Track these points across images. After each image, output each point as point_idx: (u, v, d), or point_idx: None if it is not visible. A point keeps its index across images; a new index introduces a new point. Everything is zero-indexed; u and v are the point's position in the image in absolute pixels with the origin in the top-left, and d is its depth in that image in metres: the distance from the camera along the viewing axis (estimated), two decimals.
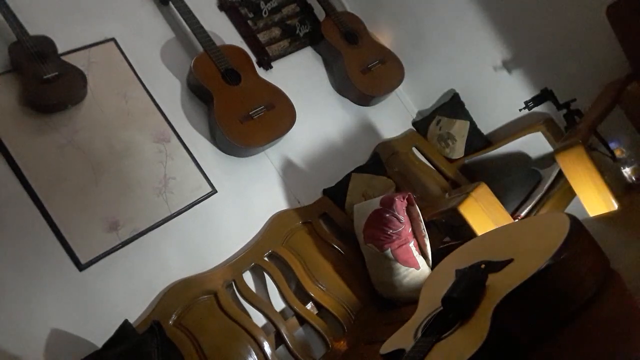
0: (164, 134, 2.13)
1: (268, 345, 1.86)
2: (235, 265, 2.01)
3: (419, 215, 2.03)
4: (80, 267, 1.77)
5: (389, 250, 2.01)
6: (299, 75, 2.63)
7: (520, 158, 2.54)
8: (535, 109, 2.24)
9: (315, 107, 2.59)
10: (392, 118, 2.83)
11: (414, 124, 2.88)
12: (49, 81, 1.85)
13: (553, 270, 0.68)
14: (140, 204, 1.96)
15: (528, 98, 2.18)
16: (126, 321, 1.66)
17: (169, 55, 2.30)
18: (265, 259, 2.08)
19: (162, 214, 1.99)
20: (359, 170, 2.48)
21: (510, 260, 0.78)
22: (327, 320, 2.02)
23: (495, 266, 0.79)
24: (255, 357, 1.82)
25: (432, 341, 0.73)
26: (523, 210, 2.13)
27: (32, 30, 1.89)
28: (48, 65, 1.87)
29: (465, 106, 2.73)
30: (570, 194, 1.94)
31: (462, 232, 2.02)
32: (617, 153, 1.93)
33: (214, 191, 2.14)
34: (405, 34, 2.82)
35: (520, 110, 2.22)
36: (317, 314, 2.05)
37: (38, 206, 1.77)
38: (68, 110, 1.95)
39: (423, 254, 2.06)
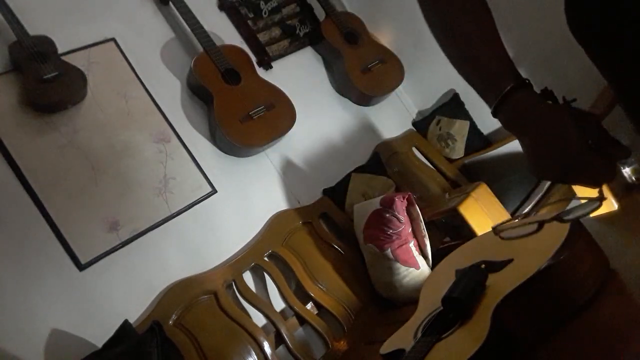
0: (164, 134, 2.13)
1: (268, 345, 1.86)
2: (235, 265, 2.01)
3: (419, 215, 2.03)
4: (80, 267, 1.77)
5: (389, 250, 2.01)
6: (299, 75, 2.63)
7: (520, 158, 2.54)
8: None
9: (315, 107, 2.59)
10: (392, 118, 2.83)
11: (414, 124, 2.88)
12: (49, 81, 1.85)
13: (553, 270, 0.68)
14: (140, 204, 1.96)
15: None
16: (126, 321, 1.66)
17: (169, 55, 2.30)
18: (265, 259, 2.08)
19: (162, 214, 1.98)
20: (359, 170, 2.48)
21: (510, 260, 0.78)
22: (327, 320, 2.02)
23: (495, 266, 0.79)
24: (255, 357, 1.82)
25: (432, 341, 0.73)
26: (523, 210, 2.13)
27: (32, 30, 1.89)
28: (48, 65, 1.87)
29: (465, 106, 2.72)
30: (570, 194, 1.94)
31: (462, 232, 2.03)
32: None
33: (214, 191, 2.14)
34: (405, 34, 2.82)
35: None
36: (317, 314, 2.05)
37: (38, 206, 1.77)
38: (68, 110, 1.95)
39: (423, 254, 2.06)
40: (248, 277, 2.06)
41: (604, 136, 0.66)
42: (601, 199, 0.75)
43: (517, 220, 0.86)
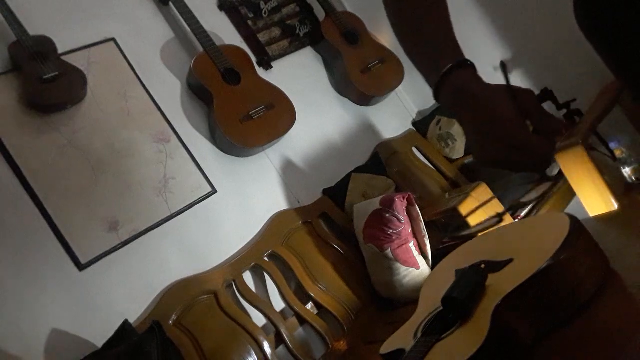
0: (164, 134, 2.13)
1: (268, 345, 1.86)
2: (235, 265, 2.01)
3: (419, 215, 2.04)
4: (80, 267, 1.77)
5: (389, 250, 2.01)
6: (299, 75, 2.63)
7: None
8: None
9: (315, 107, 2.59)
10: (392, 118, 2.83)
11: (414, 124, 2.88)
12: (49, 81, 1.85)
13: (553, 270, 0.68)
14: (140, 204, 1.96)
15: None
16: (126, 321, 1.66)
17: (169, 55, 2.30)
18: (265, 259, 2.08)
19: (162, 214, 1.98)
20: (359, 170, 2.48)
21: (510, 260, 0.78)
22: (327, 320, 2.02)
23: (495, 266, 0.79)
24: (255, 357, 1.82)
25: (432, 341, 0.72)
26: (523, 210, 2.13)
27: (32, 30, 1.89)
28: (48, 65, 1.87)
29: None
30: (570, 194, 1.94)
31: (462, 232, 2.02)
32: (617, 153, 1.92)
33: (214, 191, 2.14)
34: None
35: None
36: (317, 314, 2.05)
37: (38, 206, 1.77)
38: (68, 110, 1.95)
39: (423, 254, 2.06)
40: (248, 277, 2.06)
41: (541, 113, 0.63)
42: (542, 175, 0.73)
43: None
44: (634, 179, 1.89)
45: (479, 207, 1.98)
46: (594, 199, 1.65)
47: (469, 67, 0.69)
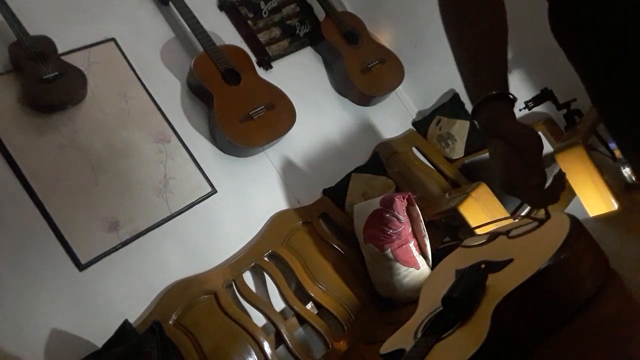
0: (164, 134, 2.13)
1: (268, 345, 1.86)
2: (235, 265, 2.01)
3: (419, 215, 2.03)
4: (80, 267, 1.77)
5: (389, 250, 2.01)
6: (299, 75, 2.63)
7: None
8: (535, 109, 2.24)
9: (315, 107, 2.59)
10: (392, 118, 2.83)
11: (414, 124, 2.88)
12: (49, 81, 1.85)
13: (553, 270, 0.68)
14: (140, 204, 1.96)
15: (528, 98, 2.18)
16: (126, 321, 1.66)
17: (169, 55, 2.30)
18: (265, 259, 2.08)
19: (162, 214, 1.98)
20: (359, 170, 2.48)
21: (510, 260, 0.78)
22: (327, 320, 2.02)
23: (495, 266, 0.79)
24: (255, 357, 1.82)
25: (432, 341, 0.72)
26: (523, 210, 2.13)
27: (32, 30, 1.89)
28: (48, 65, 1.87)
29: (465, 106, 2.72)
30: (570, 194, 1.94)
31: (462, 232, 2.02)
32: (617, 153, 1.92)
33: (214, 191, 2.14)
34: (405, 34, 2.82)
35: (520, 110, 2.22)
36: (317, 314, 2.05)
37: (38, 206, 1.77)
38: (68, 110, 1.95)
39: (423, 254, 2.06)
40: (248, 277, 2.06)
41: (531, 168, 0.71)
42: (543, 220, 0.78)
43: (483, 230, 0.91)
44: (634, 179, 1.89)
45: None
46: (594, 199, 1.65)
47: (509, 99, 0.76)
